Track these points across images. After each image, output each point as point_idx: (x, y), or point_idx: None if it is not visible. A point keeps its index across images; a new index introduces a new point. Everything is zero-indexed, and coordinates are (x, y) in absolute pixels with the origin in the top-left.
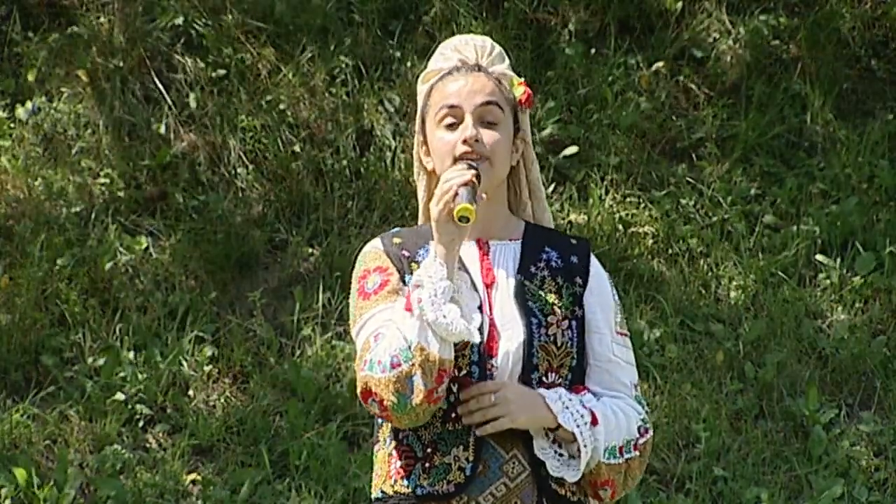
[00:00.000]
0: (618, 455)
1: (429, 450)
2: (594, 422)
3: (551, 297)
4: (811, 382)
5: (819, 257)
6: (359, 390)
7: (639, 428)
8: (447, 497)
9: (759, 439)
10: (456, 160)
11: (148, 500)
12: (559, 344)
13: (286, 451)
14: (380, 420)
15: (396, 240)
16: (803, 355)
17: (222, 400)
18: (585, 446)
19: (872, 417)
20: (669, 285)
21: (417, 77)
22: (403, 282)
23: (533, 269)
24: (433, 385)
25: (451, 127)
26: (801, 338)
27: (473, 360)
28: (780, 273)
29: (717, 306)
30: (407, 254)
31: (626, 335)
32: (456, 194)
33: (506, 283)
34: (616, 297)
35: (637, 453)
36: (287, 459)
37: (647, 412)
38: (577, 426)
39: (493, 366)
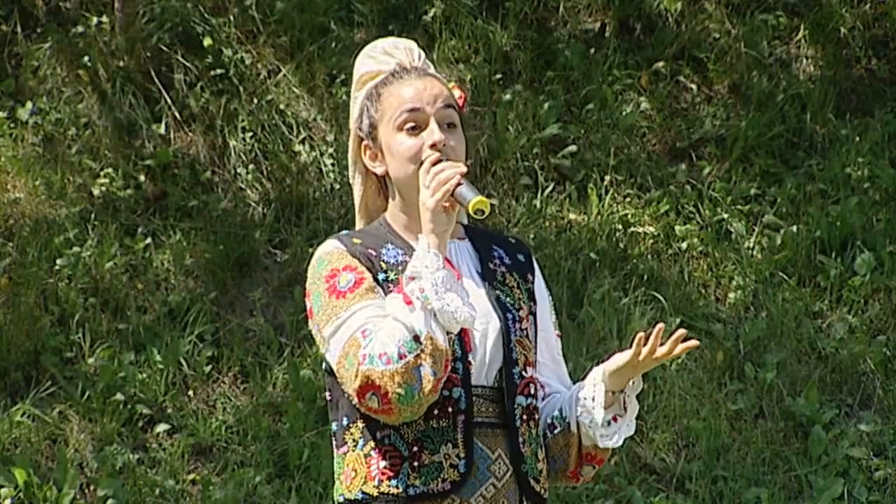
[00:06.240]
0: None
1: (415, 448)
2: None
3: (516, 293)
4: (811, 382)
5: (819, 257)
6: (355, 386)
7: None
8: (442, 496)
9: (759, 439)
10: (421, 164)
11: (148, 500)
12: (529, 338)
13: (286, 451)
14: (345, 421)
15: (356, 240)
16: (803, 355)
17: (222, 400)
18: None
19: (872, 417)
20: (669, 285)
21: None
22: (376, 281)
23: (491, 265)
24: (442, 374)
25: (413, 131)
26: (801, 338)
27: (457, 356)
28: (780, 273)
29: (717, 306)
30: (374, 253)
31: (560, 336)
32: (459, 184)
33: (471, 280)
34: (551, 298)
35: None
36: (287, 459)
37: None
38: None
39: (470, 362)
